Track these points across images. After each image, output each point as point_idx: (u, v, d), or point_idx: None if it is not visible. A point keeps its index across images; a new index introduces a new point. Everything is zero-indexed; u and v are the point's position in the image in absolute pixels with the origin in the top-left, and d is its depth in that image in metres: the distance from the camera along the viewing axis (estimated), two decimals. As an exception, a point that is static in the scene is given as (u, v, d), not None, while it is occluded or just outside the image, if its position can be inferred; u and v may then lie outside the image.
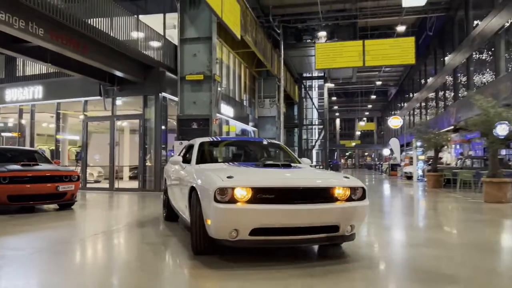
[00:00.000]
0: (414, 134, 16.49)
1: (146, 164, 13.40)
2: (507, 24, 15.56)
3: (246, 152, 6.12)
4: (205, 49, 13.21)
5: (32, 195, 7.42)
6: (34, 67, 15.13)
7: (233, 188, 3.72)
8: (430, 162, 18.36)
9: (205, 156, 5.45)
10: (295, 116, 32.92)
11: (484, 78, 19.18)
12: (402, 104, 43.31)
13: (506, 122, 10.74)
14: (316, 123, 36.86)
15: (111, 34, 10.94)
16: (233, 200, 3.72)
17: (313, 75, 33.65)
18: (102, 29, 10.54)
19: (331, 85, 35.42)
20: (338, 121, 62.22)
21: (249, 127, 23.12)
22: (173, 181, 5.85)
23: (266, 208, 3.72)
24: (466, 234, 6.11)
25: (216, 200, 3.71)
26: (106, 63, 11.58)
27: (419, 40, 31.83)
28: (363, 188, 4.15)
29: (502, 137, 9.31)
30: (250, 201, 3.74)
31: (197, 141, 5.72)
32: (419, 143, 17.14)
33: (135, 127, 15.42)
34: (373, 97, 47.11)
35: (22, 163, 7.85)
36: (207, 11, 12.84)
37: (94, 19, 10.35)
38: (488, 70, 18.60)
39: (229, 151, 6.43)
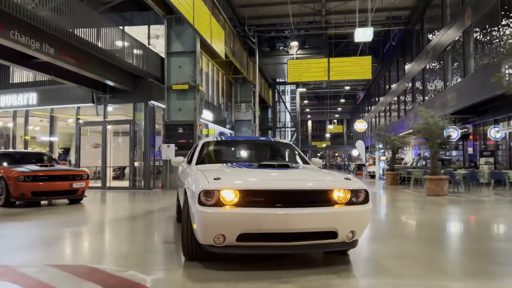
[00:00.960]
0: (374, 137, 18.60)
1: (135, 164, 14.85)
2: (457, 38, 17.85)
3: (250, 152, 5.85)
4: (190, 61, 14.79)
5: (51, 191, 8.84)
6: (28, 75, 16.28)
7: (219, 191, 3.50)
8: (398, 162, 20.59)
9: (207, 156, 5.30)
10: (269, 119, 34.79)
11: (437, 86, 21.52)
12: (370, 108, 45.94)
13: (455, 127, 12.87)
14: (289, 125, 38.88)
15: (106, 48, 12.35)
16: (219, 203, 3.50)
17: (286, 80, 35.61)
18: (98, 45, 11.95)
19: (303, 90, 37.50)
20: (310, 122, 64.61)
21: (227, 130, 24.73)
22: (179, 181, 5.80)
23: (253, 212, 3.47)
24: (399, 214, 8.03)
25: (200, 203, 3.50)
26: (101, 74, 12.95)
27: (384, 48, 34.44)
28: (365, 190, 3.80)
29: (439, 142, 11.38)
30: (238, 204, 3.51)
31: (201, 141, 5.60)
32: (380, 145, 19.33)
33: (118, 129, 16.83)
34: (343, 100, 49.60)
35: (40, 164, 9.25)
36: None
37: (92, 36, 11.76)
38: (439, 79, 20.93)
39: (233, 151, 5.98)
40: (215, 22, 15.74)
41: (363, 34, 16.80)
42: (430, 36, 22.42)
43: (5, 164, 9.23)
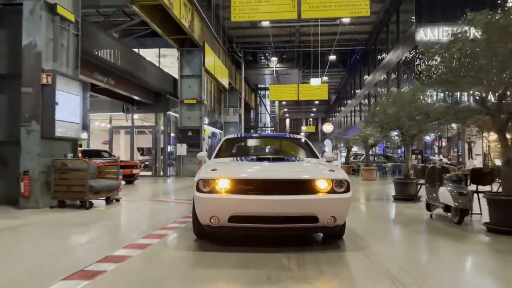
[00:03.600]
0: (333, 139, 24.23)
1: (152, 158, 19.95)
2: (395, 63, 23.52)
3: (263, 147, 6.62)
4: (197, 82, 19.96)
5: (123, 175, 13.94)
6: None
7: (214, 180, 4.11)
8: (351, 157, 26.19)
9: (225, 150, 5.90)
10: (252, 119, 40.09)
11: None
12: (340, 108, 51.84)
13: (398, 131, 18.57)
14: (269, 125, 44.33)
15: (136, 74, 17.25)
16: (214, 191, 4.11)
17: (267, 85, 40.99)
18: (133, 73, 16.92)
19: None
20: (288, 121, 70.35)
21: (217, 130, 29.92)
22: None
23: (240, 198, 4.05)
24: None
25: (198, 190, 4.15)
26: (131, 92, 17.89)
27: (351, 59, 40.22)
28: (347, 181, 4.21)
29: (372, 143, 16.95)
30: (230, 191, 4.10)
31: (224, 137, 6.35)
32: (342, 144, 24.97)
33: (143, 132, 21.88)
34: (317, 102, 55.38)
35: (110, 157, 14.32)
36: (198, 57, 19.62)
37: (131, 68, 16.75)
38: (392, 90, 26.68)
39: (248, 146, 6.67)
40: (220, 63, 21.00)
41: (316, 81, 23.11)
42: (380, 56, 28.20)
43: (86, 157, 14.25)
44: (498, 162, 16.44)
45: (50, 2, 7.59)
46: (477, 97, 5.28)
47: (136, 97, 18.71)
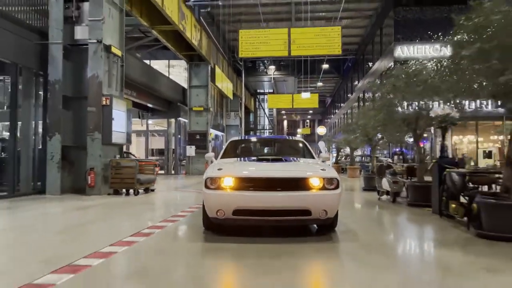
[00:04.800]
0: (325, 141, 27.05)
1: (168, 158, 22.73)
2: (381, 71, 26.29)
3: (264, 148, 7.18)
4: (204, 92, 22.74)
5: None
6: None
7: (219, 178, 4.72)
8: (339, 158, 29.02)
9: (230, 151, 6.48)
10: (251, 122, 42.88)
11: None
12: (335, 111, 54.69)
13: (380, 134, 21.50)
14: (267, 127, 47.15)
15: (152, 85, 20.02)
16: (220, 187, 4.70)
17: (265, 90, 43.82)
18: (149, 85, 19.69)
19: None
20: (285, 122, 73.20)
21: (220, 133, 32.69)
22: None
23: (242, 194, 4.63)
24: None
25: (206, 187, 4.75)
26: (147, 101, 20.65)
27: (344, 66, 43.04)
28: (336, 179, 4.75)
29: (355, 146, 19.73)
30: (233, 188, 4.67)
31: (229, 140, 6.96)
32: (333, 145, 27.77)
33: (156, 135, 24.66)
34: (312, 105, 58.34)
35: (135, 157, 17.08)
36: (205, 70, 22.41)
37: (149, 81, 19.51)
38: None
39: (251, 147, 7.24)
40: (226, 79, 23.87)
41: (306, 95, 26.62)
42: (367, 65, 31.02)
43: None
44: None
45: (107, 44, 10.36)
46: (405, 118, 8.09)
47: (151, 105, 21.50)
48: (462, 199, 5.92)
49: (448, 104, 6.54)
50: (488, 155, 20.20)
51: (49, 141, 10.16)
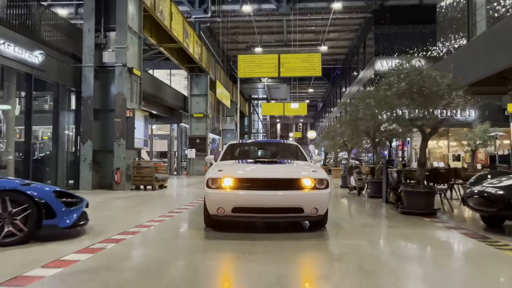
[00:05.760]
0: (314, 144, 29.49)
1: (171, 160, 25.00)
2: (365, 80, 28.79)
3: (260, 151, 7.75)
4: (203, 100, 25.06)
5: (152, 172, 19.01)
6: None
7: (220, 178, 5.07)
8: (327, 160, 31.47)
9: (229, 154, 6.92)
10: (246, 126, 45.26)
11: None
12: (326, 114, 57.31)
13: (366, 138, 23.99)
14: (261, 131, 49.57)
15: (156, 94, 22.29)
16: (220, 187, 5.04)
17: (259, 96, 46.26)
18: (156, 94, 21.95)
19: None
20: (278, 125, 75.70)
21: (216, 136, 35.00)
22: None
23: (241, 193, 5.01)
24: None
25: (208, 187, 5.11)
26: (151, 108, 22.90)
27: (334, 73, 45.63)
28: (326, 180, 5.13)
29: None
30: (233, 187, 5.01)
31: (228, 143, 7.50)
32: (322, 149, 30.24)
33: (159, 139, 26.91)
34: (305, 109, 60.96)
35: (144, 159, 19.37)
36: (205, 80, 24.74)
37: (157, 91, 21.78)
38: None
39: (248, 150, 7.68)
40: (226, 91, 26.31)
41: (295, 105, 29.29)
42: (354, 74, 33.57)
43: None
44: (435, 164, 21.86)
45: (130, 66, 12.68)
46: (367, 130, 10.47)
47: (155, 112, 23.76)
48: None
49: (412, 114, 8.84)
50: (457, 158, 22.74)
51: (82, 146, 12.46)
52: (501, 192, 5.13)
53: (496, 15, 11.43)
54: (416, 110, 6.89)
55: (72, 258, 3.98)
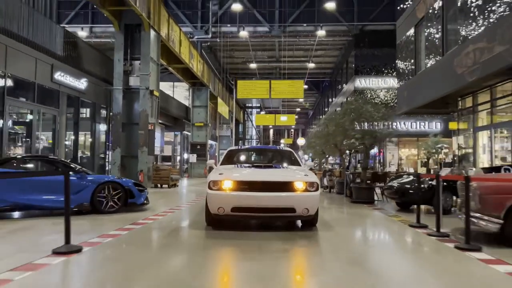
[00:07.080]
0: (304, 150, 32.83)
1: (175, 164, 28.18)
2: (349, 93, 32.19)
3: (257, 156, 8.44)
4: (204, 111, 28.31)
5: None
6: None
7: (220, 181, 5.58)
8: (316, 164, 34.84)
9: (229, 159, 7.50)
10: (240, 133, 48.55)
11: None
12: (316, 122, 60.85)
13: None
14: (255, 137, 52.94)
15: (165, 107, 25.42)
16: (221, 189, 5.54)
17: (253, 105, 49.60)
18: (162, 106, 25.09)
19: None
20: (271, 131, 79.15)
21: (213, 142, 38.21)
22: None
23: (239, 194, 5.48)
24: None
25: (209, 188, 5.60)
26: (160, 118, 25.97)
27: (323, 84, 49.15)
28: (316, 183, 5.66)
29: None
30: (232, 189, 5.50)
31: (228, 149, 8.29)
32: (311, 154, 33.62)
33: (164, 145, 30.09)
34: (296, 117, 64.37)
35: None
36: (205, 93, 28.00)
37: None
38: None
39: (246, 156, 8.38)
40: (225, 105, 29.72)
41: (284, 118, 33.50)
42: (339, 87, 37.05)
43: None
44: (409, 169, 25.31)
45: (151, 89, 15.92)
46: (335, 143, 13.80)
47: (161, 122, 26.97)
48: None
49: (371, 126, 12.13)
50: (425, 164, 26.18)
51: (112, 152, 15.65)
52: (398, 185, 8.49)
53: (435, 54, 14.82)
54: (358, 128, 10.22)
55: (144, 222, 7.14)
